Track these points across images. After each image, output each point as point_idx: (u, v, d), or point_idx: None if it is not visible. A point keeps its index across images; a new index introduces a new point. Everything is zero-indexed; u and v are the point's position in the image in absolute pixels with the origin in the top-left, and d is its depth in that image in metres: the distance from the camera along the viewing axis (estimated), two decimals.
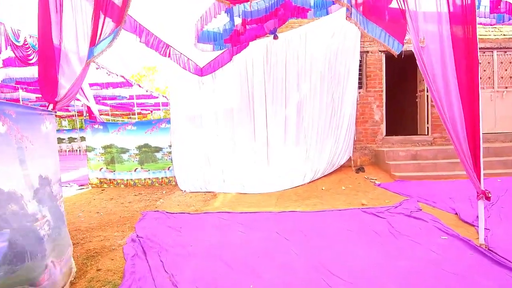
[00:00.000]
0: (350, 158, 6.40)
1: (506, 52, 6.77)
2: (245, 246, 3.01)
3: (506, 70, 6.83)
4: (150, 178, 6.61)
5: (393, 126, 7.68)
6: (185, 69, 5.00)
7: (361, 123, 6.68)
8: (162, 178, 6.57)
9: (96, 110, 6.95)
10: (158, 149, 6.53)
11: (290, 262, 2.65)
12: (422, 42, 2.78)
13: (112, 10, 2.54)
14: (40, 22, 2.53)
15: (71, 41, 2.65)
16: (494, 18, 4.96)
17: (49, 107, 2.61)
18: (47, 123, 2.50)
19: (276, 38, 4.50)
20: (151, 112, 20.38)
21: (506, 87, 6.84)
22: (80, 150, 16.03)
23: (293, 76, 6.20)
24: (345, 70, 6.11)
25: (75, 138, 17.40)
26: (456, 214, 3.70)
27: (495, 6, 4.62)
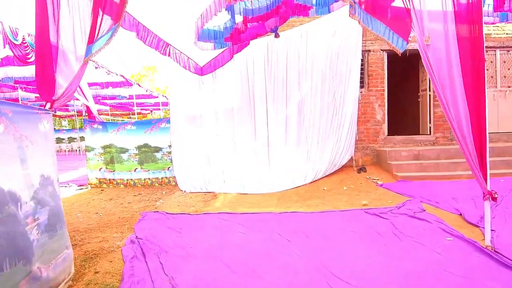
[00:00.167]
0: (351, 158, 6.34)
1: (509, 51, 6.72)
2: (246, 248, 2.96)
3: (509, 69, 6.77)
4: (150, 178, 6.55)
5: (395, 126, 7.62)
6: (185, 68, 4.95)
7: (362, 123, 6.63)
8: (162, 178, 6.52)
9: (95, 109, 6.91)
10: (158, 149, 6.47)
11: (292, 263, 2.59)
12: (427, 40, 2.72)
13: (110, 7, 2.49)
14: (37, 20, 2.49)
15: (69, 39, 2.61)
16: (497, 17, 4.90)
17: (46, 106, 2.57)
18: (45, 122, 2.45)
19: (277, 36, 4.44)
20: (151, 112, 20.36)
21: (509, 87, 6.79)
22: (79, 150, 15.98)
23: (294, 75, 6.14)
24: (346, 69, 6.05)
25: (75, 138, 17.36)
26: (460, 214, 3.65)
27: (500, 5, 4.55)
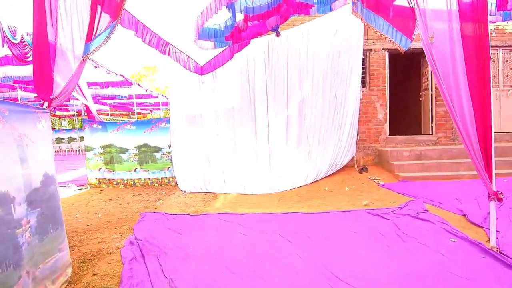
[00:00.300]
0: (353, 158, 6.29)
1: (511, 50, 6.66)
2: (247, 249, 2.91)
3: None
4: (150, 178, 6.51)
5: (396, 126, 7.57)
6: (185, 67, 4.90)
7: (364, 123, 6.58)
8: (162, 178, 6.47)
9: (94, 109, 6.87)
10: (158, 149, 6.42)
11: (293, 264, 2.55)
12: (430, 39, 2.68)
13: (109, 4, 2.45)
14: (35, 18, 2.45)
15: (67, 37, 2.57)
16: (500, 16, 4.85)
17: (44, 105, 2.53)
18: (43, 122, 2.40)
19: (278, 35, 4.38)
20: (151, 111, 20.32)
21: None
22: (79, 150, 15.94)
23: (295, 74, 6.10)
24: (348, 69, 6.01)
25: (75, 138, 17.33)
26: (463, 215, 3.61)
27: (503, 4, 4.49)
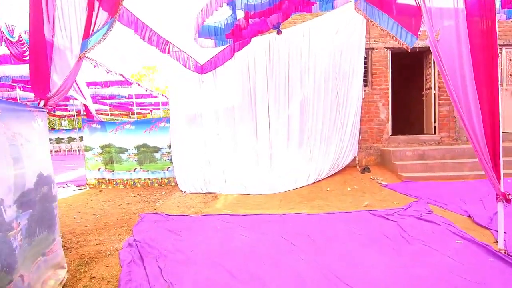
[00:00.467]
0: (355, 158, 6.22)
1: None
2: (248, 251, 2.84)
3: None
4: (149, 179, 6.44)
5: (399, 125, 7.50)
6: (185, 66, 4.83)
7: (366, 122, 6.51)
8: (161, 178, 6.40)
9: (93, 109, 6.81)
10: (157, 149, 6.35)
11: (296, 268, 2.48)
12: (436, 36, 2.61)
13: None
14: (31, 16, 2.39)
15: (64, 34, 2.50)
16: (504, 14, 4.77)
17: (40, 104, 2.47)
18: (39, 120, 2.35)
19: (279, 33, 4.32)
20: (151, 111, 20.27)
21: None
22: (79, 150, 15.87)
23: (296, 73, 6.03)
24: (349, 67, 5.93)
25: (74, 138, 17.27)
26: (469, 216, 3.54)
27: (508, 1, 4.43)
